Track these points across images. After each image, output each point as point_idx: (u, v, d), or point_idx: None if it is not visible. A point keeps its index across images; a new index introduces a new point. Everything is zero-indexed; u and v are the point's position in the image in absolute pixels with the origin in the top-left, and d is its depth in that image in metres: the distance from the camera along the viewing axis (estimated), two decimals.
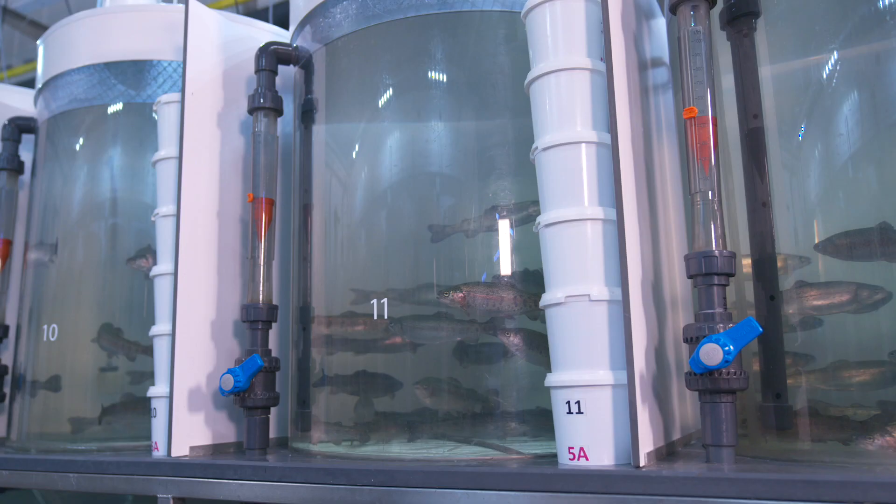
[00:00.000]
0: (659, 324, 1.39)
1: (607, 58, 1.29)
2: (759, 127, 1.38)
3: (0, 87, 2.82)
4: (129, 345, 2.06)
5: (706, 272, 1.21)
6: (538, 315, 1.48)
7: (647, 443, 1.21)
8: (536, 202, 1.54)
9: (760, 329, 1.14)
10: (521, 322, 1.53)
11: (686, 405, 1.57)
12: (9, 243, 2.32)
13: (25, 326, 2.21)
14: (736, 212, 1.40)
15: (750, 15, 1.41)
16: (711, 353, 1.14)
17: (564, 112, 1.33)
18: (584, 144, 1.31)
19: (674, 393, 1.45)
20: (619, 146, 1.26)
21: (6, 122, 2.36)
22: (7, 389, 2.26)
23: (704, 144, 1.26)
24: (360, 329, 1.64)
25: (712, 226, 1.23)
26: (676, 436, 1.45)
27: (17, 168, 2.36)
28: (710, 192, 1.24)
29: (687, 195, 1.29)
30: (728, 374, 1.17)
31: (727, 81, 1.45)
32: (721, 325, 1.18)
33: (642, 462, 1.17)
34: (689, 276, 1.24)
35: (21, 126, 2.37)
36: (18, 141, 2.38)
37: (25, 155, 2.39)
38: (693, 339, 1.19)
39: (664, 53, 1.74)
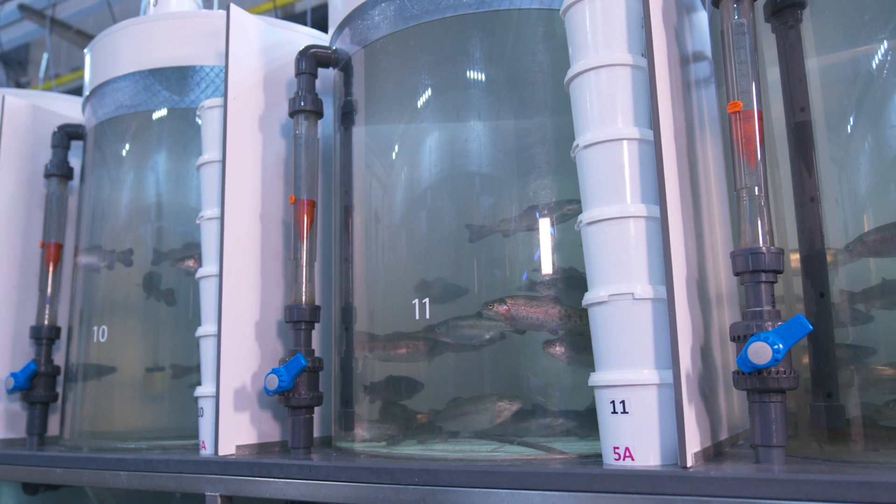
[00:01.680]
0: (704, 322, 1.37)
1: (648, 53, 1.28)
2: (806, 120, 1.35)
3: (49, 95, 2.90)
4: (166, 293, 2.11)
5: (753, 269, 1.19)
6: (584, 330, 1.47)
7: (693, 443, 1.19)
8: (573, 201, 1.53)
9: (811, 327, 1.11)
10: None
11: (733, 405, 1.54)
12: (59, 247, 2.38)
13: (76, 328, 2.27)
14: (783, 207, 1.37)
15: (795, 6, 1.39)
16: (760, 352, 1.12)
17: (605, 109, 1.32)
18: (625, 141, 1.30)
19: (720, 392, 1.43)
20: (661, 142, 1.24)
21: (56, 130, 2.43)
22: (59, 389, 2.32)
23: (750, 139, 1.24)
24: (403, 352, 1.64)
25: (759, 222, 1.21)
26: (724, 436, 1.42)
27: (67, 174, 2.42)
28: (756, 188, 1.22)
29: (732, 191, 1.27)
30: (777, 373, 1.14)
31: (772, 74, 1.42)
32: (769, 323, 1.16)
33: (689, 462, 1.16)
34: (736, 274, 1.22)
35: (70, 133, 2.44)
36: (67, 147, 2.44)
37: (74, 161, 2.46)
38: (740, 338, 1.17)
39: (706, 47, 1.72)
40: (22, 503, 2.54)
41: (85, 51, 2.43)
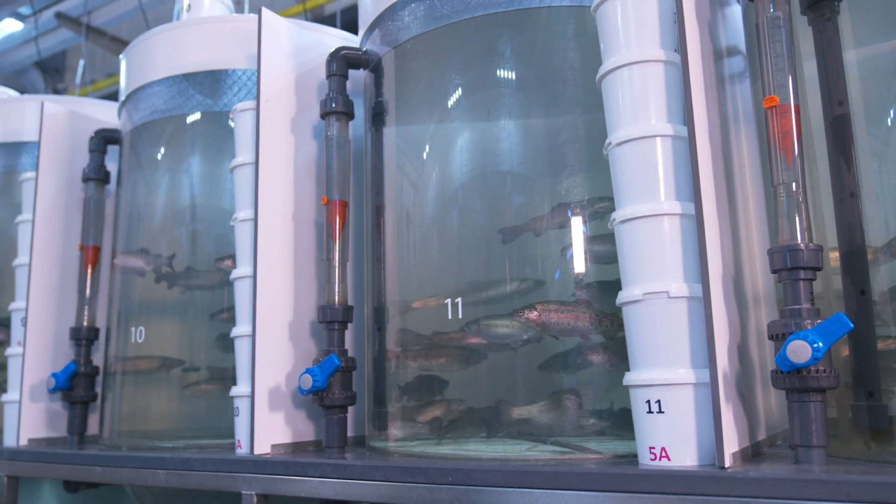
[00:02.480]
0: (741, 320, 1.35)
1: (682, 48, 1.26)
2: (844, 114, 1.32)
3: (86, 101, 2.96)
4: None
5: (791, 266, 1.17)
6: (615, 335, 1.46)
7: (731, 443, 1.17)
8: (604, 198, 1.52)
9: (851, 325, 1.09)
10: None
11: (770, 404, 1.52)
12: (97, 250, 2.43)
13: (115, 329, 2.31)
14: (821, 203, 1.34)
15: None
16: (799, 351, 1.10)
17: (638, 106, 1.31)
18: (659, 138, 1.29)
19: (757, 392, 1.41)
20: (696, 138, 1.23)
21: (93, 135, 2.47)
22: (98, 389, 2.37)
23: (787, 134, 1.21)
24: (443, 361, 1.64)
25: (797, 218, 1.19)
26: (762, 436, 1.40)
27: (104, 178, 2.47)
28: (793, 184, 1.20)
29: (769, 187, 1.25)
30: (817, 371, 1.12)
31: (809, 68, 1.40)
32: (808, 322, 1.14)
33: (727, 463, 1.14)
34: (774, 271, 1.20)
35: (106, 137, 2.48)
36: (104, 152, 2.48)
37: (111, 165, 2.50)
38: (779, 336, 1.16)
39: (739, 42, 1.69)
40: (63, 501, 2.60)
41: (120, 57, 2.47)
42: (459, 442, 1.59)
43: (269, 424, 1.73)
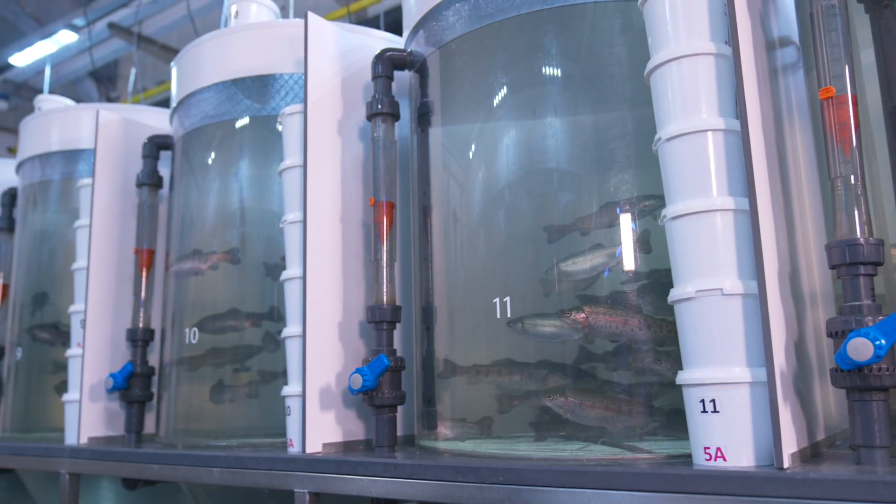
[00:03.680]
0: (798, 318, 1.31)
1: (733, 40, 1.24)
2: None
3: (138, 108, 3.03)
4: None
5: (851, 262, 1.14)
6: (665, 340, 1.43)
7: (790, 443, 1.15)
8: (650, 196, 1.50)
9: None
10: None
11: (829, 404, 1.48)
12: (152, 253, 2.49)
13: (169, 330, 2.36)
14: (881, 196, 1.30)
15: None
16: (860, 348, 1.07)
17: (688, 100, 1.29)
18: (710, 132, 1.26)
19: (816, 391, 1.37)
20: (749, 132, 1.20)
21: (146, 141, 2.54)
22: (154, 389, 2.43)
23: (844, 125, 1.18)
24: (517, 378, 1.61)
25: (856, 212, 1.16)
26: (820, 436, 1.36)
27: (157, 183, 2.53)
28: (851, 177, 1.17)
29: (826, 180, 1.21)
30: (879, 370, 1.09)
31: (866, 57, 1.36)
32: (870, 318, 1.10)
33: (786, 463, 1.11)
34: (832, 267, 1.17)
35: (159, 143, 2.54)
36: (157, 157, 2.55)
37: (163, 170, 2.56)
38: (839, 334, 1.12)
39: (792, 32, 1.65)
40: (121, 497, 2.67)
41: (171, 64, 2.53)
42: (509, 441, 1.59)
43: (320, 424, 1.75)
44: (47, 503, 2.92)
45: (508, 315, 1.57)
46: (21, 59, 6.67)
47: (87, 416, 2.35)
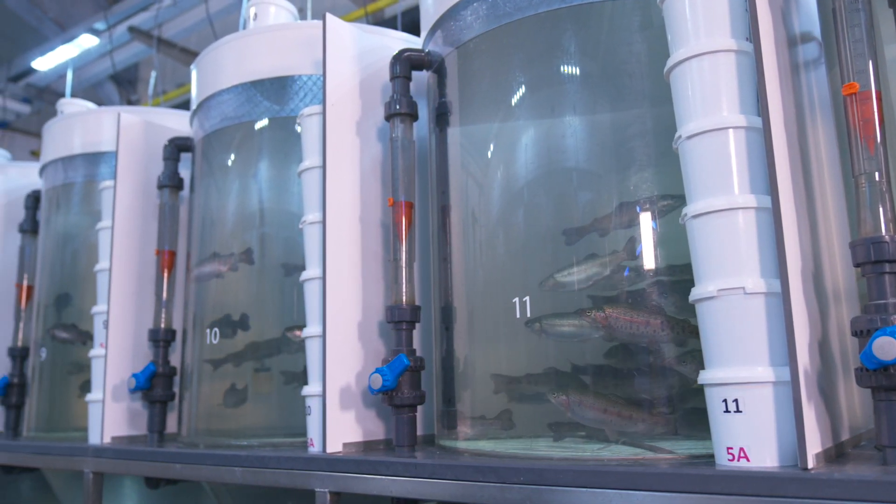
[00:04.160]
0: (821, 316, 1.30)
1: (755, 37, 1.23)
2: None
3: (158, 110, 3.06)
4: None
5: (876, 259, 1.12)
6: (686, 341, 1.42)
7: (814, 443, 1.13)
8: (667, 196, 1.49)
9: None
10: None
11: (854, 403, 1.46)
12: (173, 254, 2.51)
13: (191, 331, 2.38)
14: None
15: None
16: (886, 347, 1.06)
17: (709, 97, 1.28)
18: (731, 130, 1.25)
19: (840, 390, 1.36)
20: (771, 129, 1.19)
21: (166, 143, 2.56)
22: (176, 389, 2.45)
23: (868, 121, 1.17)
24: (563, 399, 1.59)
25: (880, 209, 1.14)
26: (845, 436, 1.35)
27: (178, 184, 2.55)
28: (876, 173, 1.15)
29: (849, 177, 1.20)
30: None
31: (890, 52, 1.34)
32: (895, 317, 1.09)
33: (810, 464, 1.10)
34: (857, 265, 1.15)
35: (179, 145, 2.56)
36: (178, 159, 2.57)
37: (184, 172, 2.58)
38: (864, 333, 1.11)
39: (813, 27, 1.63)
40: (144, 496, 2.70)
41: (191, 67, 2.55)
42: (529, 441, 1.58)
43: (340, 423, 1.76)
44: (72, 502, 2.96)
45: (528, 315, 1.57)
46: (43, 63, 6.77)
47: (110, 415, 2.37)
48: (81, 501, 2.30)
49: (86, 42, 6.28)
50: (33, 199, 3.21)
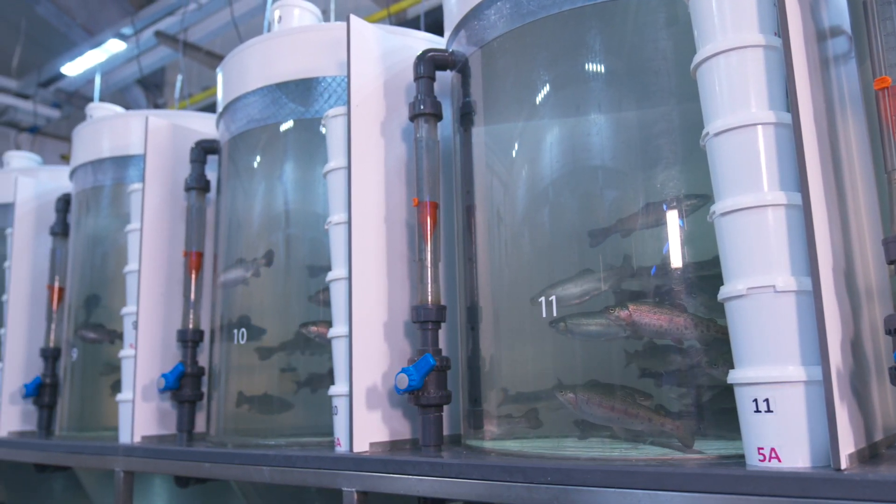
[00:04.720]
0: (854, 314, 1.28)
1: (783, 32, 1.21)
2: None
3: (185, 114, 3.10)
4: None
5: None
6: (711, 340, 1.40)
7: (847, 443, 1.12)
8: (691, 195, 1.48)
9: None
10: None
11: (888, 403, 1.44)
12: (200, 255, 2.54)
13: (218, 331, 2.41)
14: None
15: None
16: None
17: (737, 93, 1.26)
18: (760, 126, 1.24)
19: (873, 390, 1.33)
20: (801, 125, 1.17)
21: (193, 146, 2.59)
22: (204, 389, 2.47)
23: None
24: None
25: None
26: (879, 437, 1.33)
27: (205, 186, 2.58)
28: None
29: (882, 173, 1.18)
30: None
31: None
32: None
33: (843, 464, 1.09)
34: (890, 262, 1.13)
35: (206, 148, 2.59)
36: (204, 162, 2.60)
37: (211, 174, 2.61)
38: None
39: (843, 21, 1.61)
40: (174, 494, 2.73)
41: (216, 70, 2.57)
42: (556, 440, 1.58)
43: (367, 423, 1.77)
44: (103, 500, 3.00)
45: (554, 314, 1.56)
46: (72, 68, 6.87)
47: (140, 415, 2.41)
48: (113, 500, 2.33)
49: (113, 47, 6.36)
50: (64, 203, 3.26)
